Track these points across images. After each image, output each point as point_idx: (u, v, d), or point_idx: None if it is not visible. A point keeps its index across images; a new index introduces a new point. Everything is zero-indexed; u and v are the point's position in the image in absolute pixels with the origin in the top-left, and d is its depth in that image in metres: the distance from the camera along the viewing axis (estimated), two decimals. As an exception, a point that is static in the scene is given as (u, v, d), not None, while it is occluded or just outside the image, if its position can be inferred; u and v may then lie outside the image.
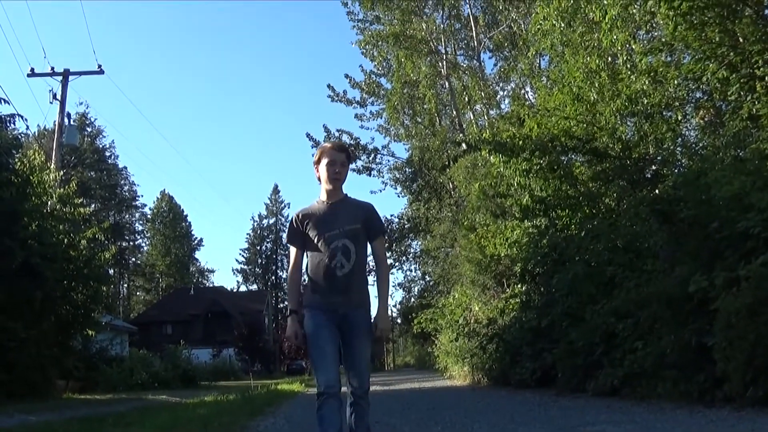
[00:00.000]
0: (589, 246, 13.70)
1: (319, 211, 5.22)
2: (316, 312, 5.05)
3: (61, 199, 19.12)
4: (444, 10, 31.17)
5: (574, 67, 15.37)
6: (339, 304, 5.01)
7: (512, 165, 15.03)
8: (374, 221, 5.32)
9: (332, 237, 5.07)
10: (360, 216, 5.20)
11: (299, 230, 5.22)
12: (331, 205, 5.20)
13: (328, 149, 5.28)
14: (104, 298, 21.48)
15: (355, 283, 5.10)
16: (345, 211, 5.19)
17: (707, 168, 10.17)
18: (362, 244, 5.18)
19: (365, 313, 5.16)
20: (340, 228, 5.09)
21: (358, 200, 5.37)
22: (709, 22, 11.27)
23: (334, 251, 5.05)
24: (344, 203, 5.27)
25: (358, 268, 5.12)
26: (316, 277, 5.11)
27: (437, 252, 35.45)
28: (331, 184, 5.18)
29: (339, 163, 5.18)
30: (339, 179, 5.20)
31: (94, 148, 70.21)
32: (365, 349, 5.15)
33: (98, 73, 26.66)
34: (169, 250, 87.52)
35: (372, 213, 5.37)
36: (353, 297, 5.07)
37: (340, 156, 5.23)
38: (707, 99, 13.14)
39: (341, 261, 5.05)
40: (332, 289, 5.04)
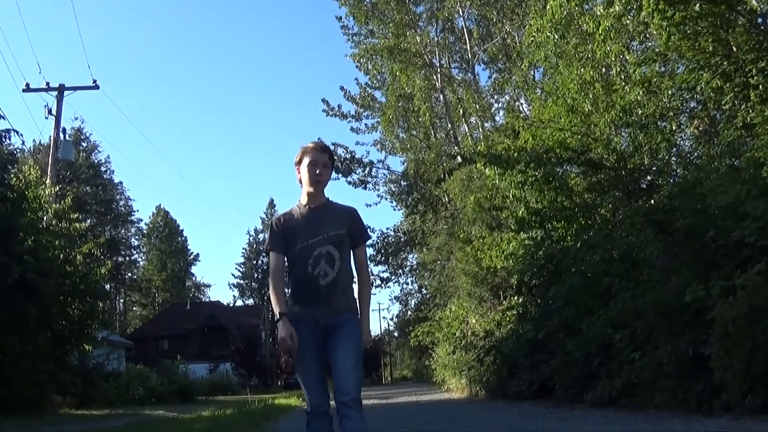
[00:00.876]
0: (585, 257, 13.71)
1: (301, 215, 4.93)
2: (299, 326, 4.66)
3: (57, 214, 19.11)
4: (438, 23, 31.21)
5: (568, 78, 15.42)
6: (321, 315, 4.71)
7: (507, 177, 15.04)
8: (359, 227, 5.05)
9: (315, 243, 4.76)
10: (344, 221, 4.91)
11: (281, 234, 4.90)
12: (314, 209, 4.91)
13: (310, 149, 4.97)
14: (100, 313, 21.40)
15: (340, 292, 4.78)
16: (328, 216, 4.89)
17: (702, 177, 10.20)
18: (346, 251, 4.88)
19: (353, 319, 4.84)
20: (324, 234, 4.79)
21: (341, 204, 5.09)
22: (703, 31, 11.32)
23: (318, 258, 4.74)
24: (327, 208, 4.97)
25: (343, 276, 4.83)
26: (298, 286, 4.84)
27: (433, 265, 35.43)
28: (312, 187, 4.88)
29: (321, 164, 4.88)
30: (321, 181, 4.91)
31: (89, 163, 70.10)
32: (352, 350, 4.73)
33: (93, 89, 26.66)
34: (165, 265, 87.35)
35: (356, 218, 5.08)
36: (337, 306, 4.75)
37: (323, 157, 4.93)
38: (701, 108, 13.18)
39: (324, 269, 4.74)
40: (314, 298, 4.74)
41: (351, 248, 4.96)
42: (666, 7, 10.80)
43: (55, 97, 25.29)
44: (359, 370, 4.80)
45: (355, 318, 4.85)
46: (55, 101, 25.25)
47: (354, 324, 4.81)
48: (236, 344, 59.40)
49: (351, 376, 4.64)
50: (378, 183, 37.82)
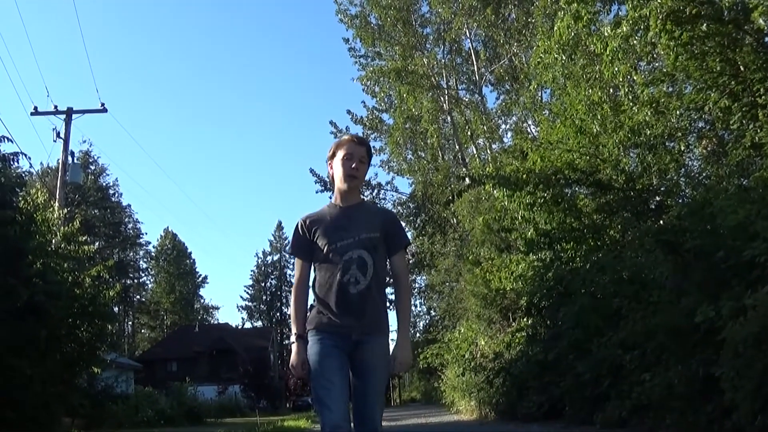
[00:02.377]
0: (594, 278, 13.68)
1: (331, 215, 4.38)
2: (323, 336, 4.18)
3: (66, 237, 19.10)
4: (445, 45, 31.34)
5: (576, 99, 15.43)
6: (351, 328, 4.13)
7: (516, 198, 15.03)
8: (397, 230, 4.47)
9: (345, 247, 4.21)
10: (379, 223, 4.34)
11: (306, 238, 4.36)
12: (346, 209, 4.36)
13: (346, 141, 4.46)
14: (109, 335, 21.40)
15: (372, 303, 4.21)
16: (362, 217, 4.33)
17: (711, 197, 10.17)
18: (381, 257, 4.31)
19: (383, 341, 4.30)
20: (356, 236, 4.22)
21: (378, 206, 4.56)
22: (710, 51, 11.32)
23: (348, 264, 4.17)
24: (361, 208, 4.46)
25: (376, 285, 4.24)
26: (325, 294, 4.24)
27: (442, 287, 35.38)
28: (346, 183, 4.33)
29: (358, 157, 4.35)
30: (356, 177, 4.36)
31: (97, 186, 70.30)
32: (380, 385, 4.27)
33: (101, 112, 26.65)
34: (173, 287, 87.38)
35: (394, 221, 4.59)
36: (369, 320, 4.19)
37: (360, 150, 4.40)
38: (710, 128, 13.18)
39: (356, 275, 4.16)
40: (344, 309, 4.15)
41: (388, 255, 4.42)
42: (673, 28, 10.82)
43: (63, 121, 25.37)
44: (383, 399, 4.41)
45: (384, 342, 4.32)
46: (63, 124, 25.35)
47: (383, 349, 4.28)
48: (245, 366, 59.22)
49: (374, 408, 4.21)
50: (386, 205, 37.79)
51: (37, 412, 14.57)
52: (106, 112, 26.69)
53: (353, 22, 31.32)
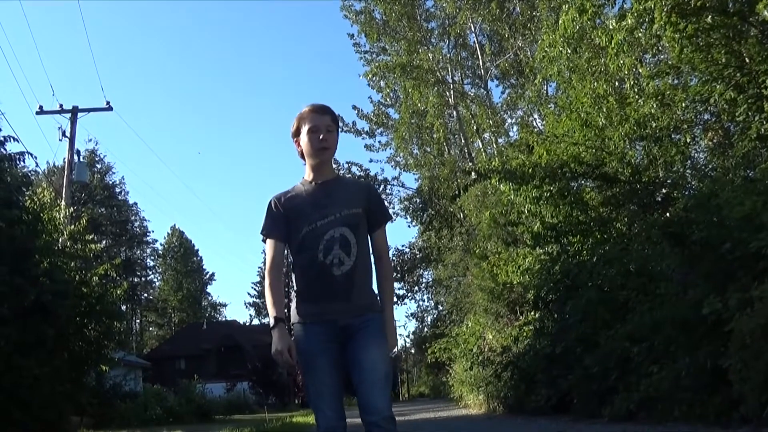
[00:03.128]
0: (601, 271, 13.67)
1: (307, 192, 4.03)
2: (309, 329, 3.84)
3: (72, 236, 19.15)
4: (450, 40, 31.29)
5: (581, 92, 15.41)
6: (338, 313, 3.80)
7: (522, 192, 15.02)
8: (378, 205, 4.18)
9: (326, 225, 3.87)
10: (360, 198, 4.05)
11: (281, 215, 4.00)
12: (322, 185, 4.04)
13: (307, 113, 4.10)
14: (117, 334, 21.40)
15: (359, 284, 3.89)
16: (342, 193, 4.03)
17: (718, 189, 10.16)
18: (364, 235, 3.99)
19: (376, 317, 3.94)
20: (337, 213, 3.89)
21: (354, 179, 4.23)
22: (715, 43, 11.30)
23: (330, 243, 3.84)
24: (339, 183, 4.16)
25: (362, 264, 3.92)
26: (307, 279, 3.91)
27: (449, 281, 35.34)
28: (317, 157, 4.03)
29: (323, 127, 4.01)
30: (327, 148, 4.04)
31: (104, 184, 70.46)
32: (379, 358, 3.83)
33: (107, 110, 26.70)
34: (180, 285, 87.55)
35: (374, 194, 4.30)
36: (357, 302, 3.85)
37: (323, 119, 4.06)
38: (715, 120, 13.16)
39: (339, 256, 3.83)
40: (328, 293, 3.83)
41: (369, 232, 4.09)
42: (678, 20, 10.79)
43: (69, 119, 25.40)
44: (389, 382, 3.91)
45: (379, 319, 3.96)
46: (68, 123, 25.39)
47: (379, 326, 3.93)
48: (253, 363, 59.22)
49: (381, 390, 3.77)
50: (392, 200, 37.80)
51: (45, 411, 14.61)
52: (111, 110, 26.74)
53: (358, 18, 31.34)
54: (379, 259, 4.13)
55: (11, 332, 12.78)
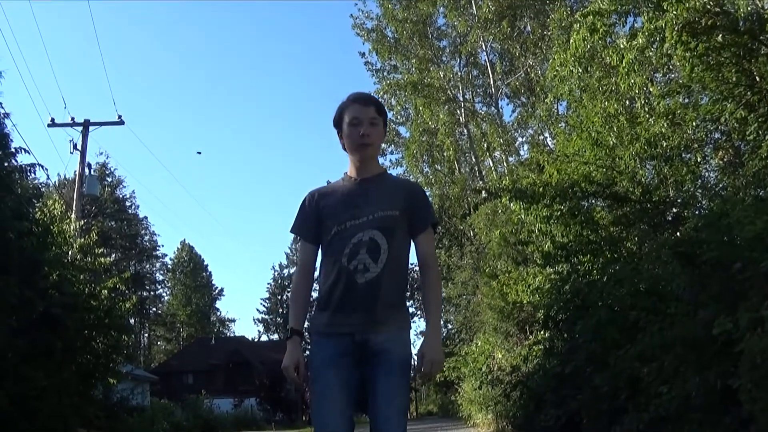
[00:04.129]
0: (611, 291, 13.59)
1: (343, 190, 3.73)
2: (323, 341, 3.54)
3: (82, 249, 19.22)
4: (461, 58, 31.37)
5: (592, 111, 15.40)
6: (356, 326, 3.46)
7: (533, 211, 14.98)
8: (421, 206, 3.77)
9: (355, 227, 3.54)
10: (400, 198, 3.67)
11: (313, 214, 3.71)
12: (362, 182, 3.71)
13: (348, 103, 3.76)
14: (125, 347, 21.49)
15: (385, 295, 3.50)
16: (381, 191, 3.67)
17: (728, 209, 10.11)
18: (400, 240, 3.62)
19: (400, 336, 3.58)
20: (370, 214, 3.55)
21: (402, 179, 4.05)
22: (726, 62, 11.27)
23: (356, 248, 3.50)
24: (382, 180, 3.78)
25: (391, 274, 3.54)
26: (328, 286, 3.58)
27: (459, 300, 35.36)
28: (357, 152, 3.71)
29: (367, 120, 3.67)
30: (368, 144, 3.69)
31: (114, 198, 70.76)
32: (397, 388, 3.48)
33: (118, 124, 26.79)
34: (189, 299, 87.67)
35: (419, 196, 3.86)
36: (380, 316, 3.48)
37: (367, 111, 3.69)
38: (726, 139, 13.12)
39: (365, 262, 3.48)
40: (348, 303, 3.49)
41: (411, 236, 3.73)
42: (689, 39, 10.77)
43: (80, 133, 25.54)
44: (405, 415, 3.56)
45: (401, 337, 3.60)
46: (80, 136, 25.52)
47: (401, 351, 3.54)
48: (261, 379, 59.18)
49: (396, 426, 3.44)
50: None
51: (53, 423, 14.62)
52: (123, 124, 26.84)
53: (370, 36, 31.48)
54: (425, 266, 3.76)
55: (20, 344, 12.82)
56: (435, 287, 3.76)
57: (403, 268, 3.73)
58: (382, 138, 3.81)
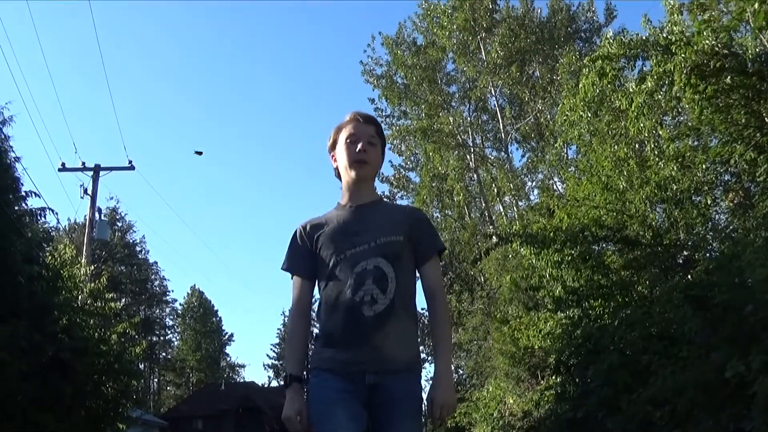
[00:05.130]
0: (623, 335, 13.54)
1: (339, 218, 3.38)
2: (327, 378, 3.15)
3: (92, 293, 19.24)
4: (470, 103, 31.53)
5: (602, 156, 15.45)
6: (367, 364, 3.11)
7: (544, 256, 14.97)
8: (426, 232, 3.44)
9: (358, 255, 3.20)
10: (403, 224, 3.33)
11: (306, 247, 3.36)
12: (358, 209, 3.38)
13: (348, 121, 3.46)
14: (135, 392, 21.43)
15: (395, 330, 3.15)
16: (380, 217, 3.34)
17: (739, 251, 10.09)
18: (406, 267, 3.29)
19: (412, 380, 3.23)
20: (372, 241, 3.22)
21: (401, 204, 3.41)
22: (735, 104, 11.32)
23: (361, 277, 3.15)
24: (379, 206, 3.46)
25: (402, 305, 3.20)
26: (331, 320, 3.21)
27: (470, 345, 35.11)
28: (353, 170, 3.37)
29: (365, 137, 3.37)
30: (366, 162, 3.37)
31: (124, 242, 70.82)
32: None
33: (129, 169, 26.96)
34: (199, 345, 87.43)
35: (422, 221, 3.51)
36: (391, 353, 3.13)
37: (367, 129, 3.41)
38: (736, 181, 13.15)
39: (372, 292, 3.12)
40: (356, 338, 3.11)
41: (417, 265, 3.39)
42: (698, 81, 10.82)
43: (91, 177, 25.67)
44: None
45: (413, 381, 3.25)
46: (90, 181, 25.65)
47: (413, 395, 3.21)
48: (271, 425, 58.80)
49: None
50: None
51: (62, 468, 14.57)
52: (133, 169, 26.97)
53: (379, 82, 31.72)
54: (432, 298, 3.40)
55: (29, 388, 12.79)
56: (444, 322, 3.44)
57: (412, 299, 3.38)
58: (379, 161, 3.50)
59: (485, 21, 29.03)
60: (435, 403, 3.15)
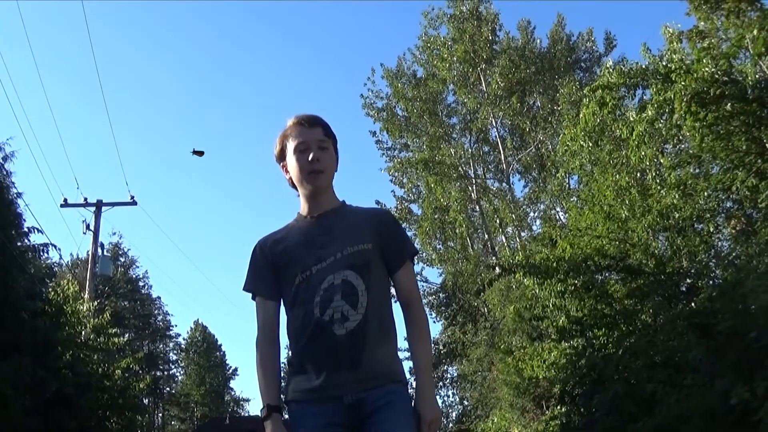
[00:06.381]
0: (627, 364, 13.51)
1: (300, 231, 3.11)
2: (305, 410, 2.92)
3: (95, 329, 19.23)
4: (472, 135, 31.63)
5: (603, 185, 15.48)
6: (343, 387, 2.87)
7: (547, 287, 14.97)
8: (395, 236, 3.17)
9: (323, 271, 2.94)
10: (369, 230, 3.06)
11: (268, 267, 3.10)
12: (320, 218, 3.11)
13: (291, 127, 3.17)
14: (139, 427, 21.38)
15: (372, 345, 2.90)
16: (344, 225, 3.08)
17: (742, 278, 10.09)
18: (378, 277, 3.02)
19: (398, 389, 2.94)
20: (338, 253, 2.96)
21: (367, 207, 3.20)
22: (735, 131, 11.35)
23: (329, 294, 2.90)
24: (342, 212, 3.16)
25: (376, 319, 2.94)
26: (300, 345, 2.98)
27: (474, 376, 35.00)
28: (309, 183, 3.09)
29: (314, 143, 3.08)
30: (320, 171, 3.08)
31: (127, 278, 70.70)
32: None
33: (131, 204, 26.88)
34: (203, 379, 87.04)
35: (390, 224, 3.23)
36: (370, 369, 2.88)
37: (313, 132, 3.11)
38: (738, 208, 13.16)
39: (341, 309, 2.89)
40: (329, 361, 2.88)
41: (389, 272, 3.12)
42: (698, 109, 10.87)
43: (93, 213, 25.67)
44: None
45: (402, 392, 2.96)
46: (92, 216, 25.63)
47: (403, 401, 2.93)
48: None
49: None
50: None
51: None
52: (135, 204, 26.86)
53: (380, 115, 31.81)
54: (407, 306, 3.12)
55: (33, 424, 12.74)
56: (421, 328, 3.11)
57: (387, 309, 3.08)
58: (334, 165, 3.19)
59: (485, 52, 29.22)
60: (422, 420, 2.92)
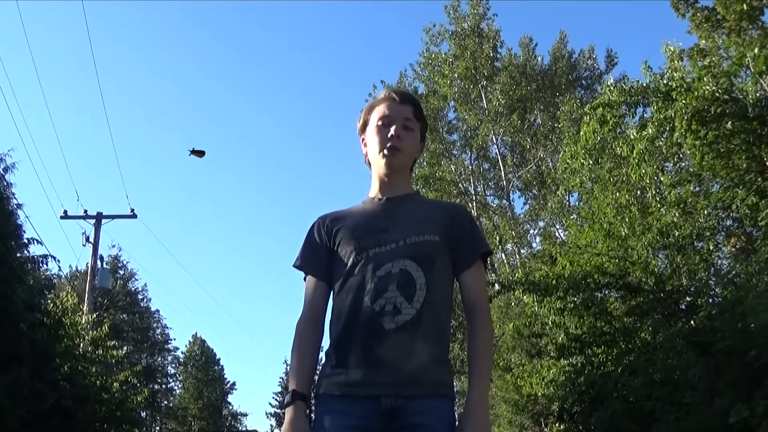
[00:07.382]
0: (626, 382, 13.48)
1: (364, 212, 2.85)
2: (337, 406, 2.57)
3: (94, 341, 19.21)
4: (472, 152, 31.68)
5: (603, 203, 15.49)
6: (384, 388, 2.52)
7: (546, 304, 14.95)
8: (468, 232, 2.83)
9: (381, 256, 2.65)
10: (440, 221, 2.77)
11: (323, 244, 2.82)
12: (389, 202, 2.83)
13: (380, 100, 2.92)
14: (136, 441, 21.29)
15: (423, 347, 2.57)
16: (413, 212, 2.79)
17: (742, 296, 10.09)
18: (441, 274, 2.72)
19: (443, 407, 2.60)
20: (400, 240, 2.67)
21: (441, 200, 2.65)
22: (736, 149, 11.36)
23: (384, 282, 2.60)
24: (413, 200, 2.89)
25: (431, 317, 2.62)
26: (343, 333, 2.65)
27: (473, 393, 34.96)
28: (385, 161, 2.81)
29: (400, 120, 2.82)
30: (398, 148, 2.79)
31: (126, 291, 70.67)
32: None
33: (131, 217, 26.89)
34: (201, 393, 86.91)
35: (465, 219, 2.89)
36: (416, 374, 2.54)
37: (402, 109, 2.85)
38: (738, 226, 13.19)
39: (395, 300, 2.57)
40: (372, 356, 2.55)
41: (455, 271, 2.81)
42: (698, 127, 10.88)
43: (93, 225, 25.66)
44: None
45: (447, 413, 2.60)
46: (92, 229, 25.62)
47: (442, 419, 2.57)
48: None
49: None
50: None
51: None
52: (135, 217, 26.85)
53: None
54: (471, 312, 2.81)
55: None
56: (484, 339, 2.76)
57: (445, 310, 2.77)
58: (416, 148, 2.93)
59: (486, 69, 29.32)
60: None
